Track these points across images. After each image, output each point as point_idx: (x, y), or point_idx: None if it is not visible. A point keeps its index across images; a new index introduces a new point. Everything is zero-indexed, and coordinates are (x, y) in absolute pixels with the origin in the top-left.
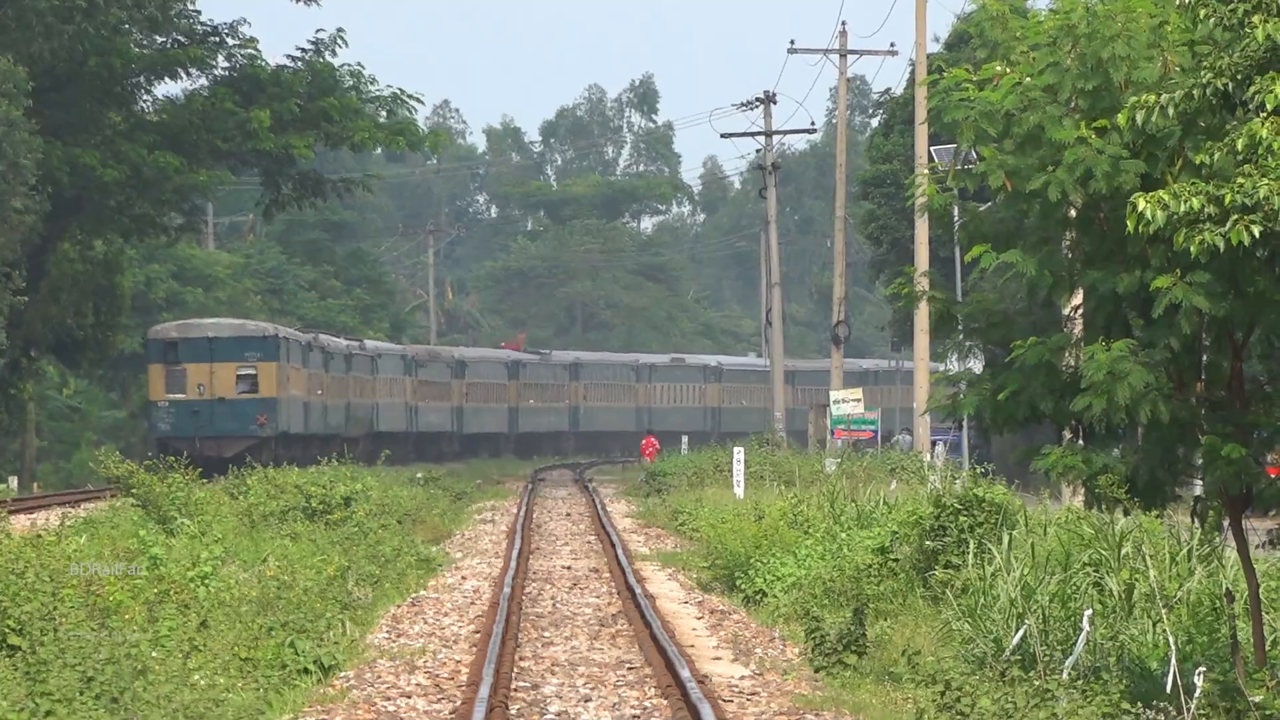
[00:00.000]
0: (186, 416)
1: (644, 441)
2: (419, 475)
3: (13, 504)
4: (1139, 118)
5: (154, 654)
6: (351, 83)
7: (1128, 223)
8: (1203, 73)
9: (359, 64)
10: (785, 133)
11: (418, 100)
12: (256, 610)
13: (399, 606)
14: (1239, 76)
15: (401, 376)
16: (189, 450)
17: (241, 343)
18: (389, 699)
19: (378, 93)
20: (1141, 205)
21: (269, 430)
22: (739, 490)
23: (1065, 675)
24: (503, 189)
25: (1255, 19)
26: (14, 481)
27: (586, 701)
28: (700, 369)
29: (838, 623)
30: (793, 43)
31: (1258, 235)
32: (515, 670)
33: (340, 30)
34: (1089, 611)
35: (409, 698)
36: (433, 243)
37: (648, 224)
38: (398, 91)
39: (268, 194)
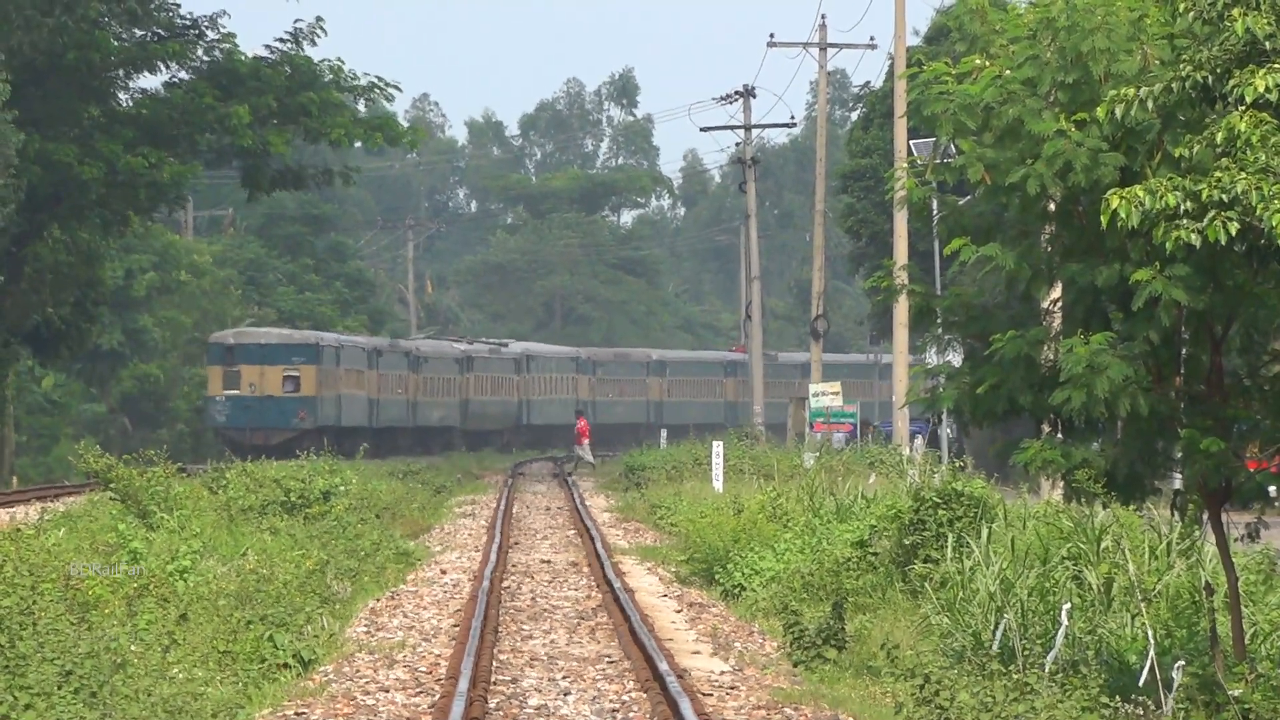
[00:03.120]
0: (239, 410)
1: (579, 426)
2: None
3: None
4: (1118, 111)
5: (133, 648)
6: (331, 77)
7: (1102, 219)
8: (1182, 66)
9: (339, 59)
10: (765, 126)
11: (395, 89)
12: (235, 604)
13: (378, 600)
14: (1218, 70)
15: (573, 375)
16: (240, 439)
17: (288, 349)
18: (368, 693)
19: (355, 82)
20: (1115, 203)
21: (309, 424)
22: (718, 484)
23: (1046, 669)
24: (482, 183)
25: (1235, 12)
26: None
27: (566, 695)
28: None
29: (817, 617)
30: (772, 36)
31: (1234, 233)
32: (494, 664)
33: (319, 19)
34: (1068, 605)
35: (388, 691)
36: (412, 236)
37: (627, 218)
38: (375, 80)
39: (247, 186)
